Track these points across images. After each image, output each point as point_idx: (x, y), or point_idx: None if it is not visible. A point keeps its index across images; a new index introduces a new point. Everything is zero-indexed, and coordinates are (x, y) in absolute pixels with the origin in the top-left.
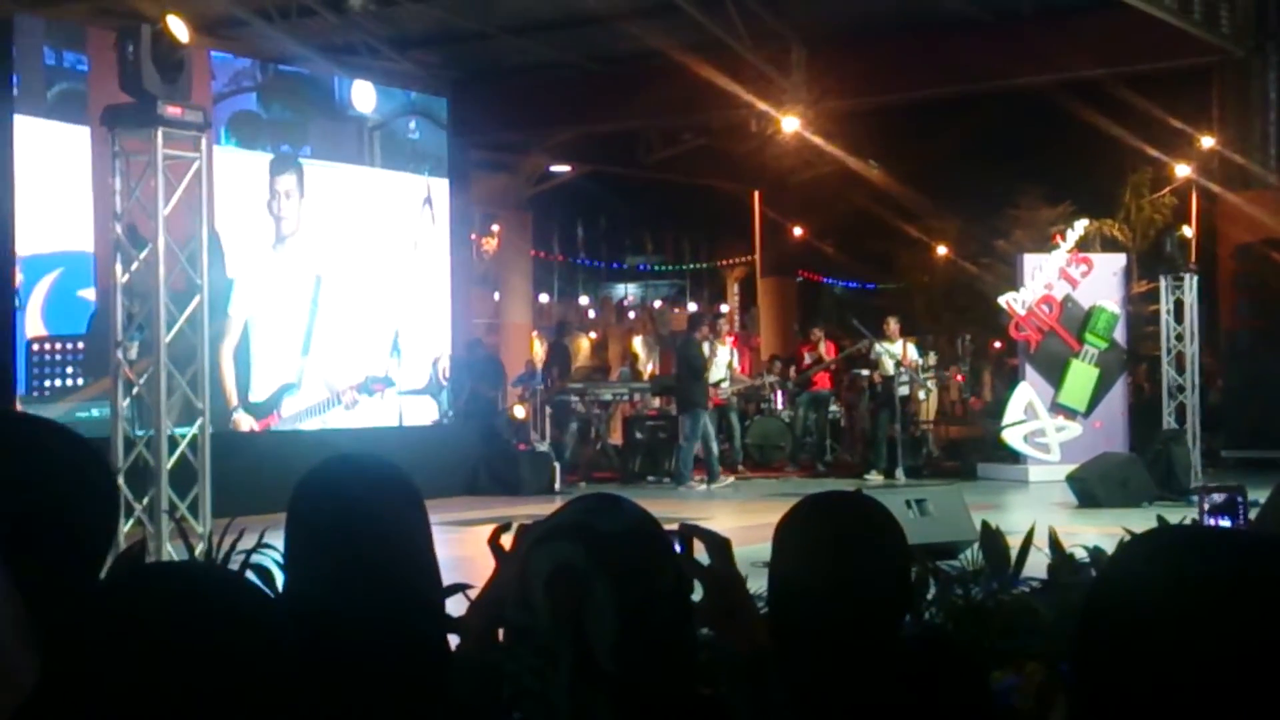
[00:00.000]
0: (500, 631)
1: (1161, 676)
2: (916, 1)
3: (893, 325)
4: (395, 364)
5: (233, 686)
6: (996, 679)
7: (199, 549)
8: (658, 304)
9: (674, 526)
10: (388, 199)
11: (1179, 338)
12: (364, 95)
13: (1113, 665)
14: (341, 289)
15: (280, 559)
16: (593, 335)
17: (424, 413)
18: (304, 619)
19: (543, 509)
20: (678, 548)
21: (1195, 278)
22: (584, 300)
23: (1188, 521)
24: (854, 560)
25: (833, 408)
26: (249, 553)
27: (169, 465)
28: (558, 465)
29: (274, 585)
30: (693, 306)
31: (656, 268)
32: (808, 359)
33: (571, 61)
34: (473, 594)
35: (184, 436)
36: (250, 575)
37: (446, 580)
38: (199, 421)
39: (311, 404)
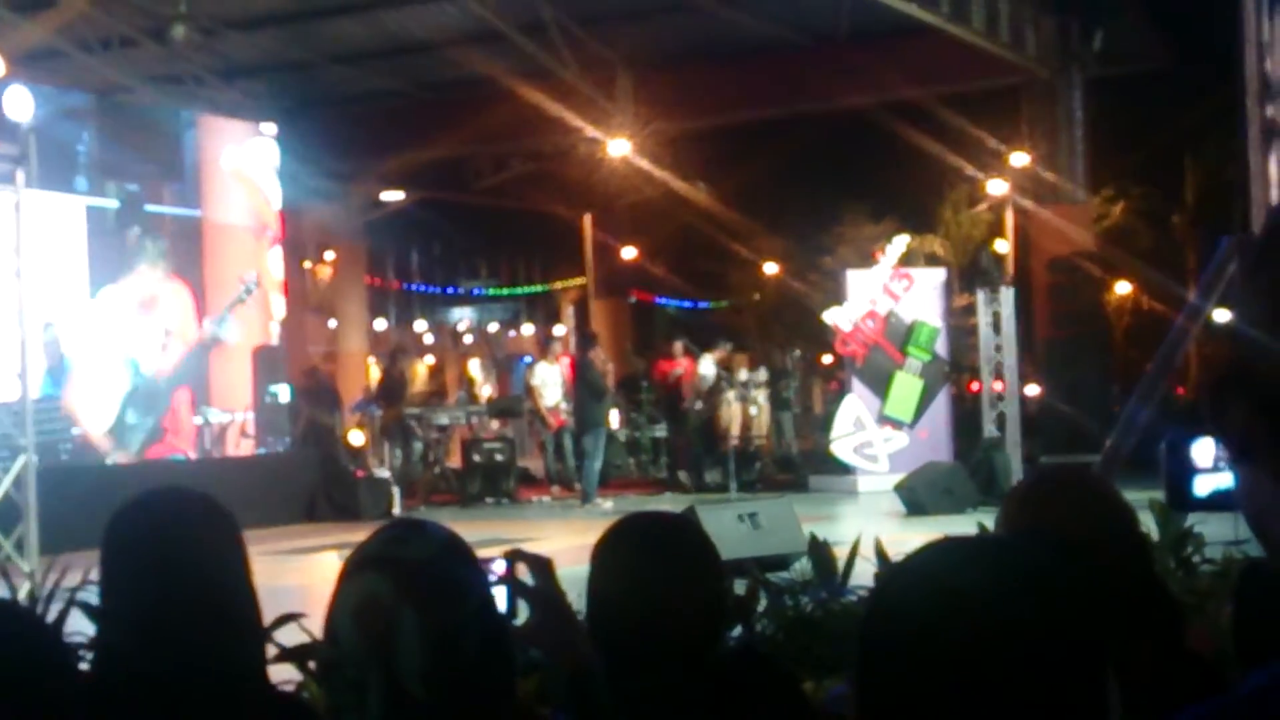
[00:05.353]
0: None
1: (933, 683)
2: (738, 26)
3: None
4: None
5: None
6: (827, 687)
7: (23, 588)
8: (493, 328)
9: (495, 552)
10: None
11: (998, 349)
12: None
13: (889, 679)
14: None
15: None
16: (429, 360)
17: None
18: (120, 651)
19: None
20: (503, 568)
21: (1011, 290)
22: (420, 326)
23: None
24: (663, 580)
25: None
26: (75, 590)
27: None
28: (396, 490)
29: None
30: (528, 329)
31: (491, 292)
32: (676, 374)
33: (399, 89)
34: (306, 623)
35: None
36: (78, 612)
37: (285, 609)
38: (23, 457)
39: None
